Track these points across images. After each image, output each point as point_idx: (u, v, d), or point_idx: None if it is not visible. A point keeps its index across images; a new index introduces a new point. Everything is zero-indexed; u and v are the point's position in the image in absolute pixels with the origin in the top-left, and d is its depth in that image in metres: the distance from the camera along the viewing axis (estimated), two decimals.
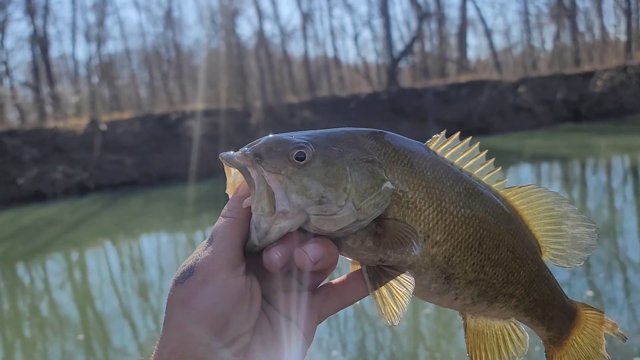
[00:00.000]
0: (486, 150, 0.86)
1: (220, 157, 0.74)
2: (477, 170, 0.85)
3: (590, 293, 5.47)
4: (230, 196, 0.76)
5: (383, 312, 0.73)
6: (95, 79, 30.80)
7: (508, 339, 0.88)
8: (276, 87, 31.53)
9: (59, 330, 6.95)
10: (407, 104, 26.58)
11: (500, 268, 0.83)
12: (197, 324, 0.65)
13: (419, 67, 34.42)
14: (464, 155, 0.84)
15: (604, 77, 26.39)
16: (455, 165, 0.83)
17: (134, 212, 16.40)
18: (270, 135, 0.76)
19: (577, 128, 23.07)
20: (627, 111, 24.44)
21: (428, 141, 0.84)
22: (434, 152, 0.83)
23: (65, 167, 20.85)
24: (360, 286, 0.78)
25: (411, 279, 0.75)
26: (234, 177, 0.76)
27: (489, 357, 0.88)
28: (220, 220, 0.72)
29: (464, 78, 29.72)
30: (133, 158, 22.00)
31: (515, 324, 0.89)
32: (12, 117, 27.27)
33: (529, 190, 0.87)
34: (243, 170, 0.73)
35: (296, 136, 0.75)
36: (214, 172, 17.70)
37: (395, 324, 0.72)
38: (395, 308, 0.73)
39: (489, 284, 0.82)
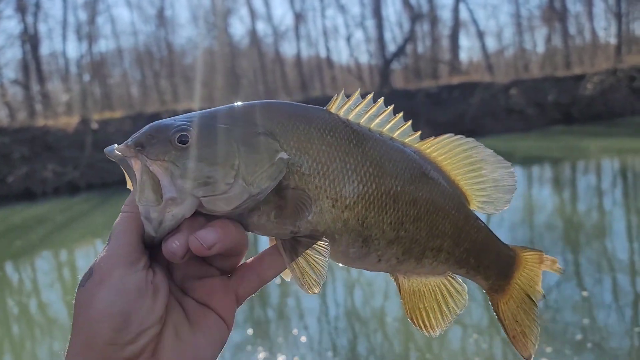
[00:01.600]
0: (392, 105, 0.82)
1: (105, 152, 0.72)
2: (387, 127, 0.82)
3: (585, 294, 5.52)
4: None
5: (302, 282, 0.71)
6: (86, 77, 30.68)
7: (447, 293, 0.86)
8: (268, 86, 31.54)
9: (48, 330, 6.90)
10: (399, 105, 25.98)
11: (421, 222, 0.80)
12: (99, 324, 0.64)
13: (411, 68, 34.53)
14: (370, 113, 0.81)
15: (595, 80, 26.60)
16: (361, 125, 0.80)
17: None
18: (152, 123, 0.73)
19: (568, 130, 23.22)
20: (617, 114, 24.64)
21: (328, 105, 0.80)
22: (336, 115, 0.79)
23: (55, 165, 20.69)
24: (277, 260, 0.76)
25: (327, 245, 0.73)
26: None
27: (430, 315, 0.85)
28: (119, 217, 0.71)
29: (456, 80, 29.82)
30: None
31: (452, 277, 0.86)
32: (1, 115, 27.09)
33: (444, 141, 0.85)
34: (122, 162, 0.71)
35: (179, 119, 0.73)
36: None
37: (316, 292, 0.71)
38: (315, 276, 0.71)
39: (413, 241, 0.80)
